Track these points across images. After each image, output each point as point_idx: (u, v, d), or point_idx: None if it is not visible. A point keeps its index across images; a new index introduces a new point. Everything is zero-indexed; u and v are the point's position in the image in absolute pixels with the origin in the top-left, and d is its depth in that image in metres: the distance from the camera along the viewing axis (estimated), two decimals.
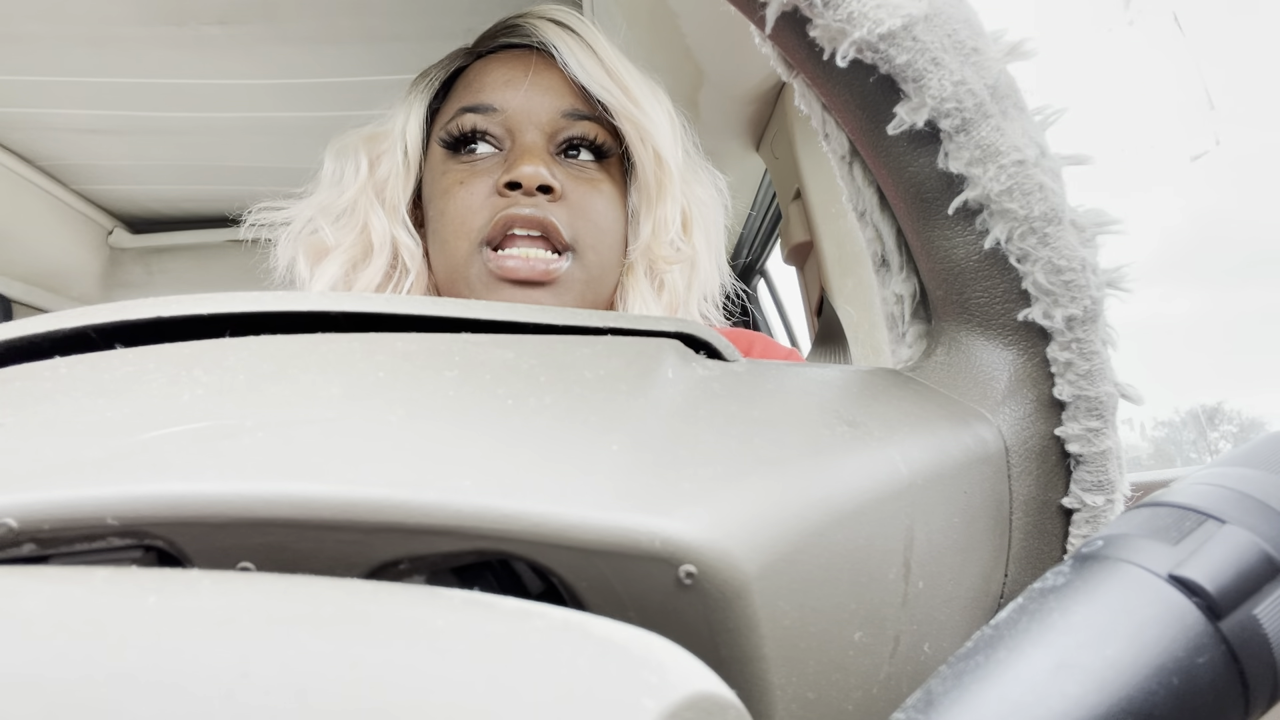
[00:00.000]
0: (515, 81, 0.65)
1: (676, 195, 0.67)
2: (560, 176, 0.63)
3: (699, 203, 0.71)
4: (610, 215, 0.66)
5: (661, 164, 0.66)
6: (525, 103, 0.64)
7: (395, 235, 0.67)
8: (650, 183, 0.66)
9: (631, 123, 0.64)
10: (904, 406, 0.26)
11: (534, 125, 0.64)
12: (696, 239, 0.70)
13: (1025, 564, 0.27)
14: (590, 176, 0.66)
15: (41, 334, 0.20)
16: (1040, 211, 0.26)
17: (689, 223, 0.70)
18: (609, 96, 0.64)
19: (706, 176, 0.73)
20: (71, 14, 1.05)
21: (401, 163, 0.68)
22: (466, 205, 0.63)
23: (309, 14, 1.07)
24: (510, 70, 0.66)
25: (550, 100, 0.65)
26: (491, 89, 0.65)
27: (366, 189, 0.68)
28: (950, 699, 0.15)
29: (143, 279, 1.66)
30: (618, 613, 0.16)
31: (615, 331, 0.26)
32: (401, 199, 0.68)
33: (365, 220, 0.67)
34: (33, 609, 0.12)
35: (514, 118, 0.64)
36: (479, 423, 0.18)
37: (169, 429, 0.16)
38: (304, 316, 0.22)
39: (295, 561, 0.15)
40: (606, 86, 0.64)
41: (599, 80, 0.64)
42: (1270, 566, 0.17)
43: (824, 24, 0.25)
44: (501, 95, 0.65)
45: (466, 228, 0.63)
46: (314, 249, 0.68)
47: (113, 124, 1.31)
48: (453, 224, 0.63)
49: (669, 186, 0.66)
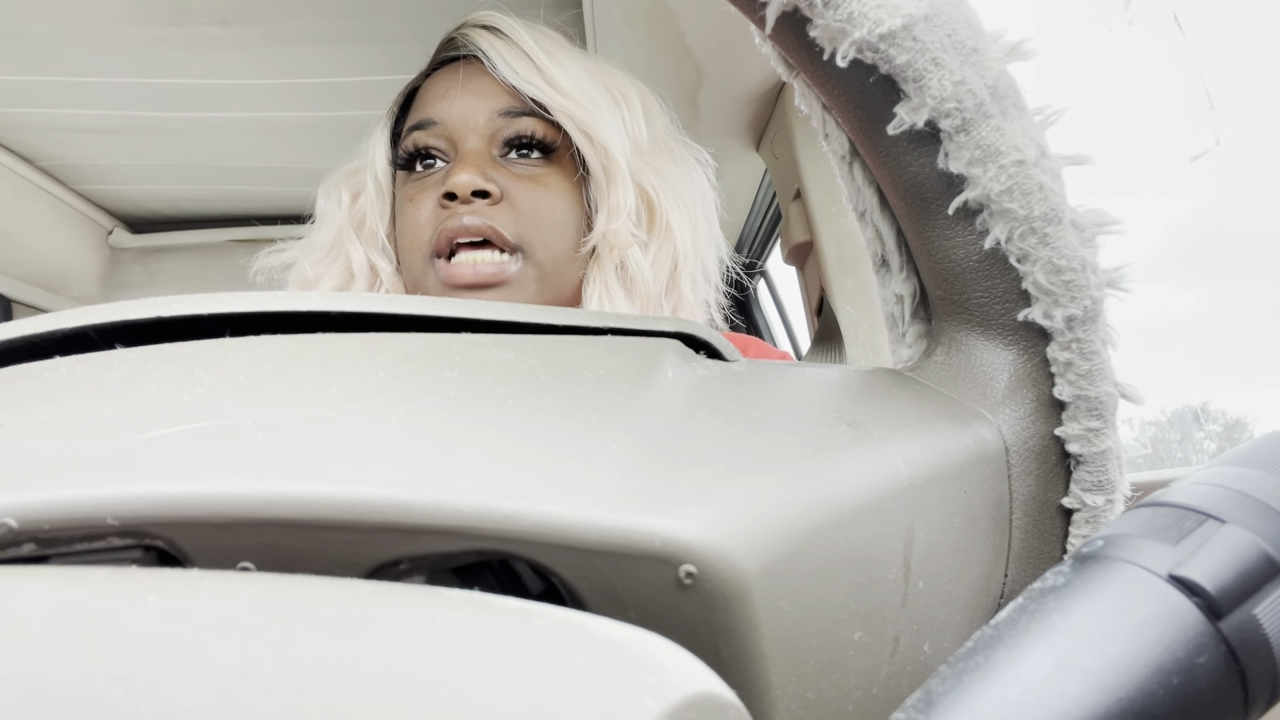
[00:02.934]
0: (450, 92, 0.67)
1: (626, 180, 0.67)
2: (501, 178, 0.65)
3: (670, 185, 0.69)
4: (559, 209, 0.66)
5: (605, 153, 0.66)
6: (460, 110, 0.66)
7: (372, 261, 0.71)
8: (598, 171, 0.67)
9: (567, 116, 0.65)
10: (904, 406, 0.26)
11: (472, 131, 0.66)
12: (672, 220, 0.69)
13: (1025, 564, 0.27)
14: (535, 173, 0.66)
15: (41, 334, 0.20)
16: (1040, 211, 0.26)
17: (655, 206, 0.68)
18: (539, 93, 0.65)
19: (683, 153, 0.72)
20: (71, 14, 1.05)
21: (374, 191, 0.72)
22: (415, 221, 0.66)
23: (309, 14, 1.07)
24: (445, 82, 0.68)
25: (484, 104, 0.66)
26: (430, 103, 0.68)
27: (346, 223, 0.72)
28: (950, 699, 0.15)
29: (143, 279, 1.66)
30: (618, 613, 0.16)
31: (615, 331, 0.26)
32: (379, 225, 0.72)
33: (347, 251, 0.71)
34: (33, 609, 0.12)
35: (452, 127, 0.66)
36: (479, 423, 0.18)
37: (169, 429, 0.16)
38: (304, 316, 0.22)
39: (295, 561, 0.15)
40: (535, 84, 0.65)
41: (528, 78, 0.65)
42: (1270, 566, 0.17)
43: (824, 24, 0.25)
44: (439, 107, 0.67)
45: (418, 242, 0.66)
46: (302, 283, 0.73)
47: (113, 124, 1.31)
48: (405, 240, 0.67)
49: (616, 173, 0.66)
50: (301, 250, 0.73)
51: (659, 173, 0.69)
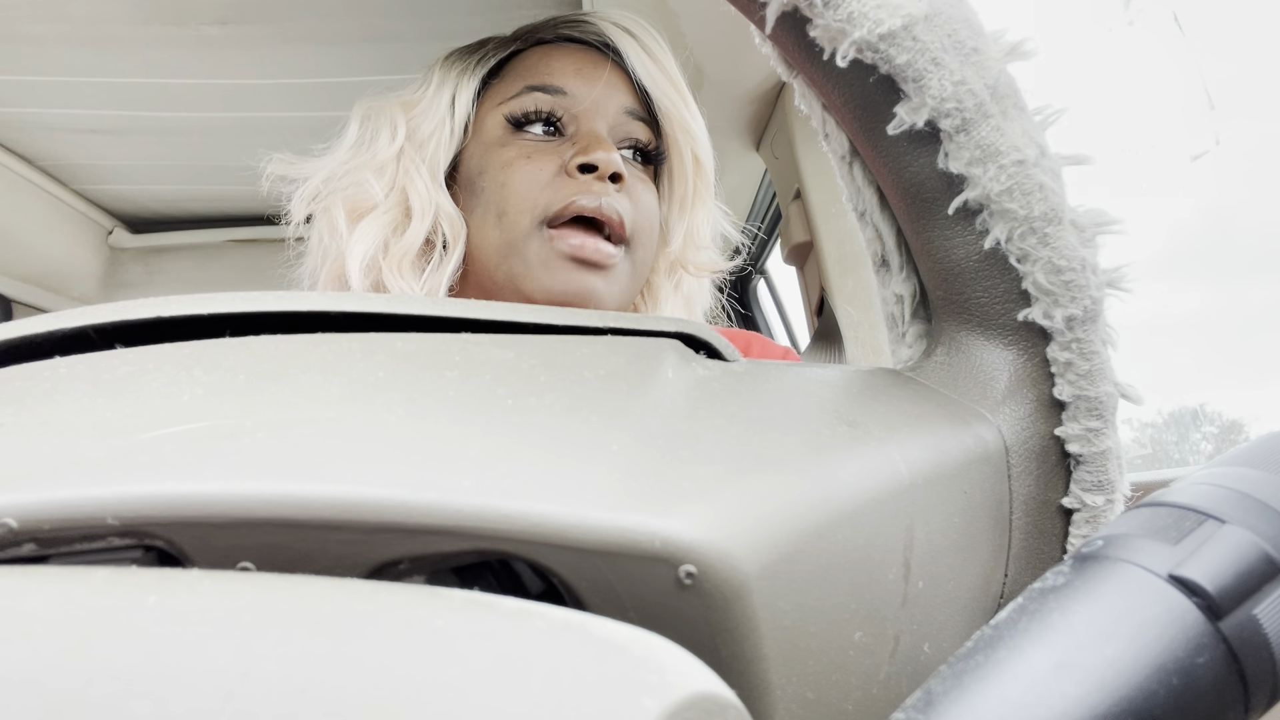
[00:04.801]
0: (587, 73, 0.66)
1: (710, 203, 0.70)
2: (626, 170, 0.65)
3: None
4: (656, 215, 0.68)
5: (700, 171, 0.68)
6: (596, 94, 0.66)
7: (439, 202, 0.65)
8: (688, 189, 0.69)
9: (683, 128, 0.67)
10: (904, 406, 0.26)
11: (601, 117, 0.66)
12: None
13: (1025, 564, 0.27)
14: (641, 175, 0.67)
15: (41, 334, 0.20)
16: (1040, 211, 0.26)
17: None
18: (668, 101, 0.66)
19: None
20: (71, 14, 1.05)
21: (449, 130, 0.66)
22: (534, 180, 0.62)
23: (309, 14, 1.07)
24: (582, 62, 0.67)
25: (617, 97, 0.66)
26: (562, 75, 0.66)
27: (408, 151, 0.66)
28: (950, 699, 0.15)
29: (143, 279, 1.66)
30: (618, 613, 0.16)
31: (615, 331, 0.26)
32: (441, 168, 0.66)
33: (405, 184, 0.65)
34: (33, 609, 0.12)
35: (583, 105, 0.65)
36: (479, 423, 0.18)
37: (169, 429, 0.16)
38: (304, 316, 0.22)
39: (295, 561, 0.15)
40: (666, 91, 0.66)
41: (660, 85, 0.66)
42: (1270, 566, 0.17)
43: (824, 24, 0.25)
44: (573, 82, 0.66)
45: (530, 203, 0.61)
46: (355, 204, 0.64)
47: (113, 124, 1.31)
48: (515, 197, 0.62)
49: (704, 193, 0.69)
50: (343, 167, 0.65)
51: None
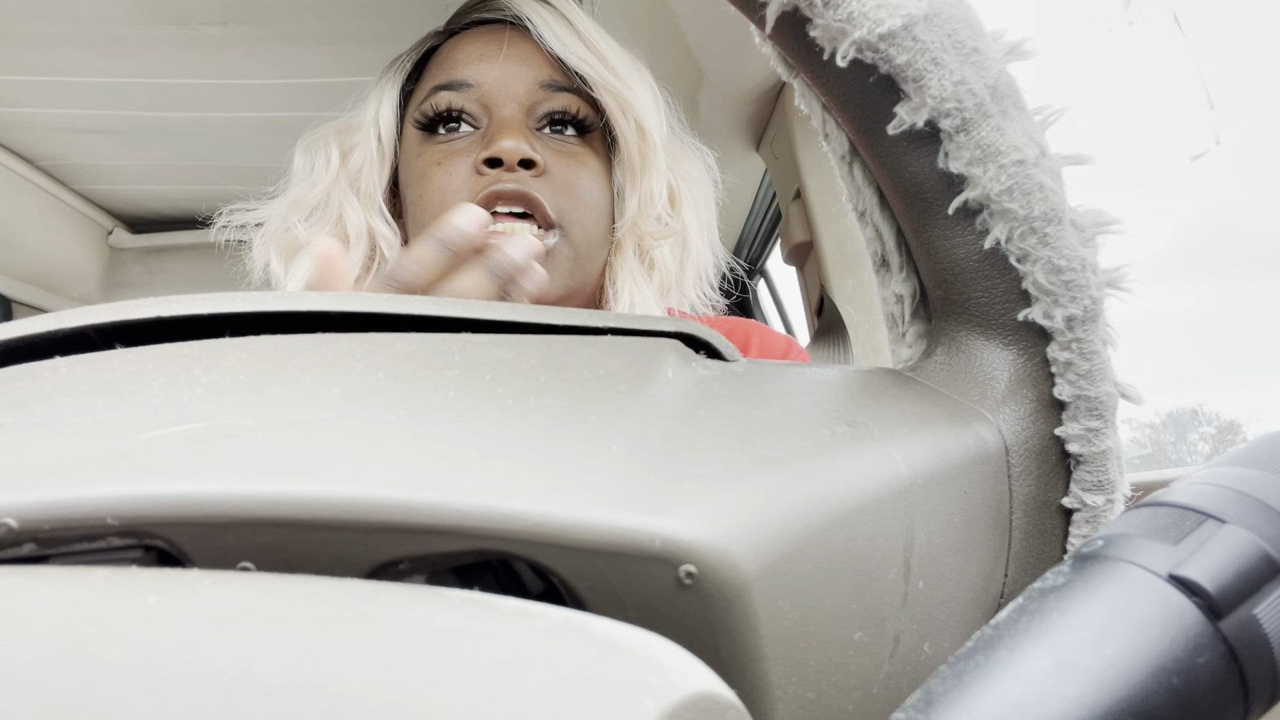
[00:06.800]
0: (489, 55, 0.63)
1: (661, 169, 0.65)
2: (542, 151, 0.61)
3: (686, 179, 0.69)
4: (595, 191, 0.64)
5: (645, 136, 0.64)
6: (501, 76, 0.62)
7: (371, 225, 0.65)
8: (634, 156, 0.64)
9: (611, 94, 0.63)
10: (904, 406, 0.26)
11: (511, 99, 0.62)
12: (686, 215, 0.69)
13: (1025, 564, 0.27)
14: (573, 151, 0.64)
15: (41, 334, 0.20)
16: (1040, 211, 0.26)
17: (676, 198, 0.68)
18: (587, 68, 0.62)
19: (694, 153, 0.72)
20: (71, 14, 1.05)
21: (375, 150, 0.66)
22: (445, 186, 0.61)
23: (309, 14, 1.07)
24: (484, 45, 0.64)
25: (527, 72, 0.63)
26: (465, 64, 0.63)
27: (339, 180, 0.66)
28: (950, 699, 0.15)
29: (143, 279, 1.66)
30: (618, 613, 0.16)
31: (615, 331, 0.26)
32: (377, 188, 0.66)
33: (339, 212, 0.65)
34: (33, 609, 0.12)
35: (490, 92, 0.62)
36: (479, 423, 0.18)
37: (169, 429, 0.16)
38: (304, 316, 0.22)
39: (295, 561, 0.15)
40: (584, 57, 0.62)
41: (576, 51, 0.62)
42: (1270, 566, 0.17)
43: (824, 24, 0.25)
44: (475, 70, 0.63)
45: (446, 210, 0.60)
46: (287, 246, 0.65)
47: (113, 124, 1.31)
48: (431, 207, 0.61)
49: (653, 159, 0.65)
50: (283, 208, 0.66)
51: (679, 165, 0.69)
